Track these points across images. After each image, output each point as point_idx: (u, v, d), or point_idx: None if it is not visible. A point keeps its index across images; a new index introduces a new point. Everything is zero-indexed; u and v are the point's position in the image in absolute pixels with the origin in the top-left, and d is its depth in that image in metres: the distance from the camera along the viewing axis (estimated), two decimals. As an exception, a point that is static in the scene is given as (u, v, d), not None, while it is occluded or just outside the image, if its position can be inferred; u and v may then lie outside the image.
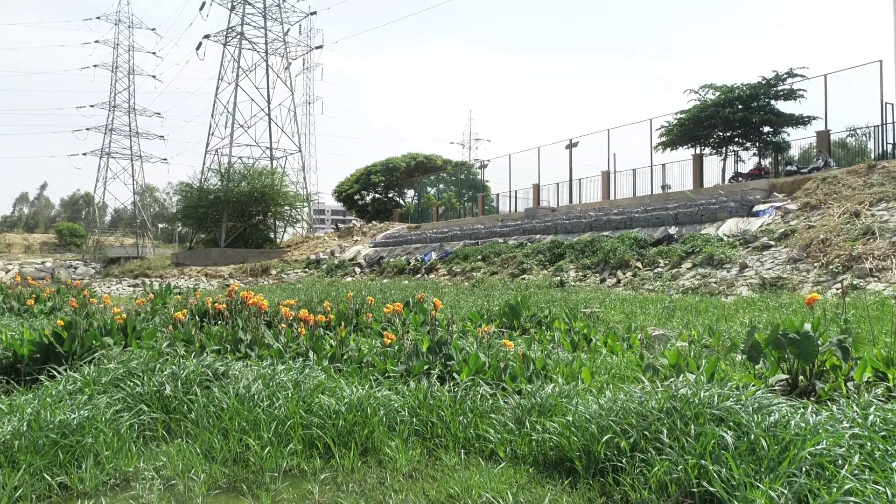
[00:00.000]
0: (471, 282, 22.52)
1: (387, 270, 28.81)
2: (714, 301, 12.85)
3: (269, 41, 42.70)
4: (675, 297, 14.27)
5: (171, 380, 4.75)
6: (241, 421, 4.28)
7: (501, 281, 21.23)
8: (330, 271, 32.34)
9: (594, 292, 16.59)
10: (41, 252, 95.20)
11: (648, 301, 13.73)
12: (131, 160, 65.52)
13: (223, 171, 39.46)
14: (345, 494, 3.56)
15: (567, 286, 18.29)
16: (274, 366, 5.05)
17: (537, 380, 5.47)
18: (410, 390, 4.92)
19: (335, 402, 4.50)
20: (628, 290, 16.63)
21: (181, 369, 4.88)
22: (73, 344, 7.01)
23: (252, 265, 34.73)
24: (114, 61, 63.26)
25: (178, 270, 34.87)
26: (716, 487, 3.19)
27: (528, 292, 16.56)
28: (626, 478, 3.54)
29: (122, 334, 7.72)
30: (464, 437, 4.36)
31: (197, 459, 3.91)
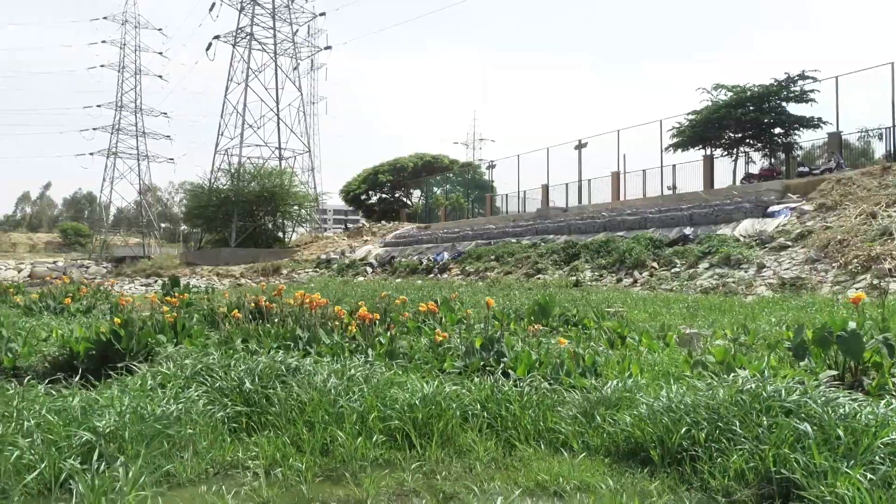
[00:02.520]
0: (485, 281, 22.73)
1: (399, 270, 29.02)
2: (735, 300, 13.05)
3: (278, 42, 42.95)
4: (694, 296, 14.47)
5: (248, 375, 4.95)
6: (324, 413, 4.48)
7: (517, 281, 21.43)
8: (341, 271, 32.55)
9: (612, 292, 16.80)
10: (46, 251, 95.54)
11: (669, 301, 13.92)
12: (137, 160, 65.82)
13: (233, 171, 39.70)
14: (438, 481, 3.76)
15: (584, 286, 18.49)
16: (344, 361, 5.26)
17: (590, 376, 5.68)
18: (476, 385, 5.12)
19: (409, 395, 4.71)
20: (646, 290, 16.83)
21: (255, 365, 5.08)
22: (131, 341, 7.22)
23: (263, 265, 34.94)
24: (120, 61, 63.58)
25: (189, 270, 35.09)
26: (797, 474, 3.39)
27: (547, 292, 16.76)
28: (703, 466, 3.74)
29: (171, 332, 7.93)
30: (534, 430, 4.56)
31: (289, 450, 4.12)
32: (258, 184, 38.24)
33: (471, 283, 23.06)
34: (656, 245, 19.12)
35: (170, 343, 7.45)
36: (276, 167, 40.51)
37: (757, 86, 24.25)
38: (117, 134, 63.66)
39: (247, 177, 38.94)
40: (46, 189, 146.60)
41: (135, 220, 77.55)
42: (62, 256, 54.97)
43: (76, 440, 3.93)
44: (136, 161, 65.73)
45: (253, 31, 41.47)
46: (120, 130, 63.53)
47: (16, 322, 9.45)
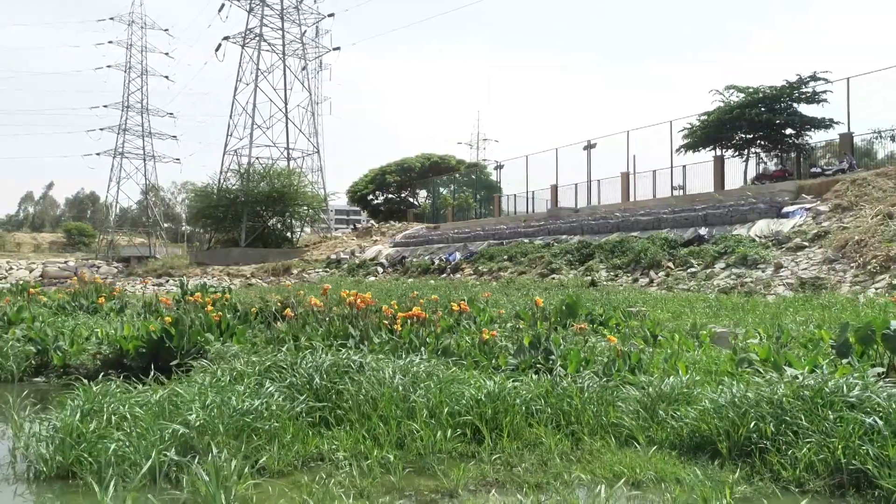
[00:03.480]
0: (499, 281, 22.89)
1: (410, 270, 29.18)
2: (756, 300, 13.21)
3: (287, 42, 43.13)
4: (713, 296, 14.63)
5: (316, 371, 5.12)
6: (396, 408, 4.65)
7: (531, 281, 21.59)
8: (352, 271, 32.71)
9: (630, 292, 16.95)
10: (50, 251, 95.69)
11: (689, 300, 14.07)
12: (144, 160, 66.01)
13: (243, 171, 39.88)
14: (520, 472, 3.93)
15: (600, 286, 18.64)
16: (404, 359, 5.42)
17: (639, 373, 5.85)
18: (534, 381, 5.28)
19: (476, 391, 4.88)
20: (663, 290, 16.99)
21: (322, 362, 5.25)
22: (182, 340, 7.39)
23: (273, 265, 35.11)
24: (127, 62, 63.79)
25: (200, 270, 35.26)
26: (868, 465, 3.56)
27: (566, 292, 16.91)
28: (773, 458, 3.90)
29: (217, 330, 8.10)
30: (596, 424, 4.73)
31: (368, 443, 4.29)
32: (268, 184, 38.42)
33: (485, 283, 23.21)
34: (671, 245, 19.28)
35: (217, 341, 7.63)
36: (285, 168, 40.70)
37: (768, 87, 24.41)
38: (124, 134, 63.95)
39: (256, 177, 39.13)
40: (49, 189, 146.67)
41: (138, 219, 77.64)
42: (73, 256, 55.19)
43: (167, 433, 4.10)
44: (143, 161, 65.96)
45: (262, 31, 41.67)
46: (126, 131, 63.78)
47: (55, 321, 9.60)
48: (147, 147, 65.70)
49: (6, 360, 7.80)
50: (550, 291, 17.24)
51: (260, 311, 9.84)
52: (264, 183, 38.55)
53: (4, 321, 9.42)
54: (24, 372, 7.85)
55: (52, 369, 7.95)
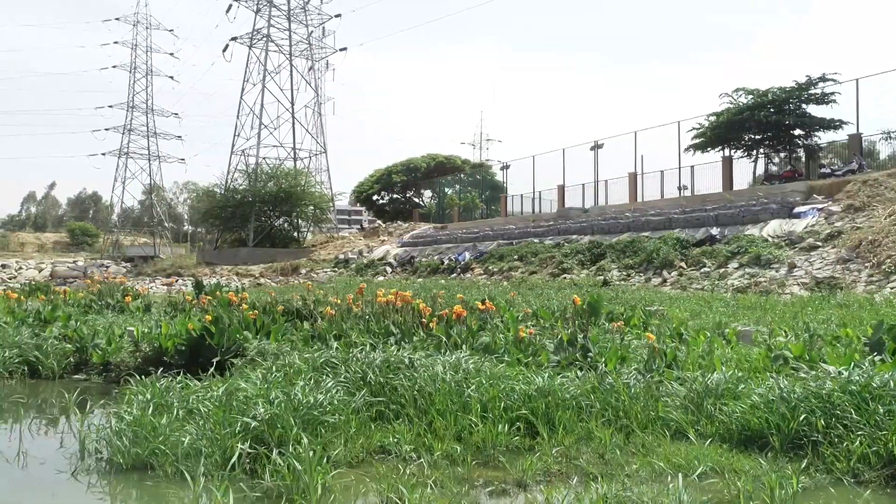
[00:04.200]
0: (510, 281, 23.04)
1: (420, 270, 29.33)
2: (773, 299, 13.36)
3: (294, 43, 43.31)
4: (732, 295, 14.78)
5: (368, 367, 5.27)
6: (451, 403, 4.80)
7: (543, 280, 21.74)
8: (360, 270, 32.85)
9: (644, 291, 17.10)
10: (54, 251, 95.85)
11: (705, 300, 14.22)
12: (149, 160, 66.21)
13: (250, 171, 40.06)
14: (582, 464, 4.07)
15: (612, 285, 18.79)
16: (458, 356, 5.56)
17: (676, 369, 6.00)
18: (580, 378, 5.42)
19: (527, 387, 5.02)
20: (676, 290, 17.13)
21: (373, 359, 5.40)
22: (222, 338, 7.53)
23: (282, 265, 35.28)
24: (132, 62, 63.96)
25: (209, 270, 35.42)
26: (922, 457, 3.70)
27: (581, 291, 17.05)
28: (826, 451, 4.04)
29: (253, 329, 8.24)
30: (645, 419, 4.86)
31: (430, 437, 4.43)
32: (275, 184, 38.59)
33: (496, 282, 23.36)
34: (683, 245, 19.43)
35: (254, 339, 7.77)
36: (293, 168, 40.88)
37: (777, 88, 24.57)
38: (129, 134, 64.15)
39: (264, 177, 39.31)
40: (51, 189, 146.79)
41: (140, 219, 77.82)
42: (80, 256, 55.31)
43: (237, 427, 4.24)
44: (148, 161, 66.15)
45: (270, 32, 41.85)
46: (131, 131, 63.98)
47: (89, 320, 9.75)
48: (152, 147, 65.91)
49: (46, 357, 7.95)
50: (564, 291, 17.38)
51: (286, 310, 10.00)
52: (272, 183, 38.73)
53: (40, 320, 9.57)
54: (63, 369, 8.01)
55: (91, 367, 8.09)
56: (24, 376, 7.74)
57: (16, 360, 7.78)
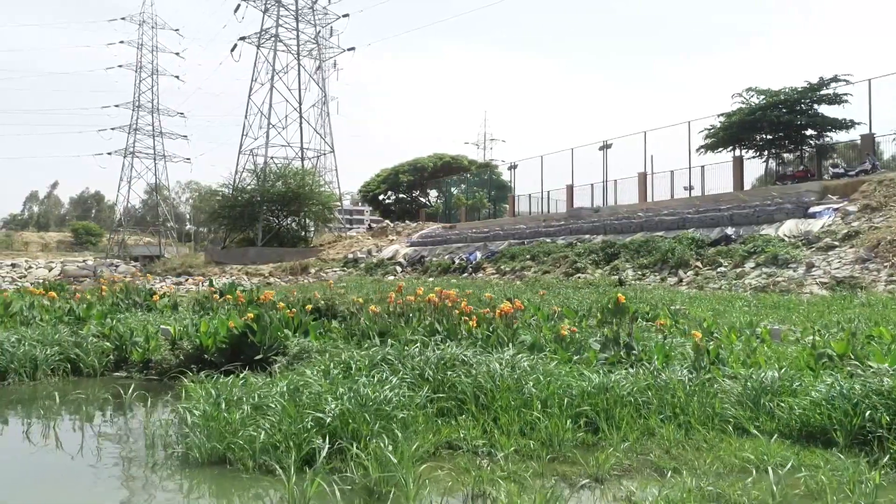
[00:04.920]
0: (523, 281, 23.08)
1: (430, 269, 29.37)
2: (795, 299, 13.42)
3: (301, 43, 43.39)
4: (752, 295, 14.83)
5: (425, 364, 5.34)
6: (512, 399, 4.87)
7: (556, 280, 21.78)
8: (369, 270, 32.90)
9: (661, 291, 17.14)
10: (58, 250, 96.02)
11: (724, 299, 14.27)
12: (154, 160, 66.32)
13: (258, 171, 40.15)
14: (652, 459, 4.14)
15: (627, 285, 18.85)
16: (510, 353, 5.63)
17: (724, 366, 6.06)
18: (632, 374, 5.49)
19: (586, 384, 5.09)
20: (693, 289, 17.19)
21: (428, 356, 5.47)
22: (264, 335, 7.61)
23: (291, 264, 35.35)
24: (138, 62, 64.04)
25: (218, 269, 35.50)
26: None
27: (598, 291, 17.11)
28: (893, 446, 4.11)
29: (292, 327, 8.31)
30: (702, 415, 4.93)
31: (496, 432, 4.50)
32: (284, 184, 38.68)
33: (508, 282, 23.41)
34: (698, 245, 19.48)
35: (293, 338, 7.84)
36: (301, 168, 40.98)
37: (789, 89, 24.65)
38: (134, 134, 64.24)
39: (272, 177, 39.40)
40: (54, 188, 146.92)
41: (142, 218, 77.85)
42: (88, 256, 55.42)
43: (307, 422, 4.31)
44: (153, 161, 66.26)
45: (278, 32, 41.93)
46: (137, 130, 64.08)
47: (124, 319, 9.81)
48: (157, 147, 66.02)
49: (87, 355, 8.02)
50: (582, 290, 17.43)
51: (314, 308, 10.07)
52: (280, 182, 38.82)
53: (74, 318, 9.63)
54: (104, 367, 8.08)
55: (131, 365, 8.16)
56: (66, 374, 7.81)
57: (56, 357, 7.85)
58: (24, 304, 10.09)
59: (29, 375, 7.54)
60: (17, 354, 7.58)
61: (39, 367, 7.62)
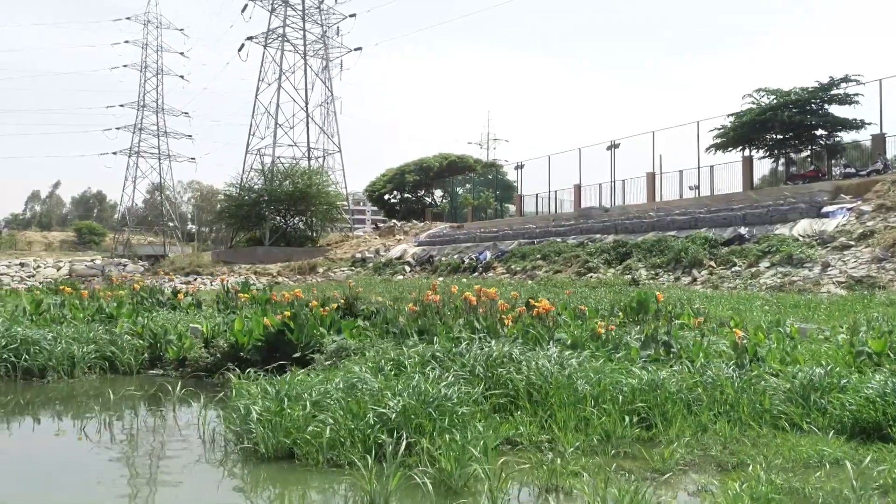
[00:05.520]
0: (535, 280, 23.13)
1: (440, 269, 29.40)
2: (816, 298, 13.47)
3: (308, 43, 43.44)
4: (763, 294, 14.89)
5: (475, 361, 5.39)
6: (566, 396, 4.92)
7: (569, 279, 21.82)
8: (378, 269, 32.94)
9: (675, 290, 17.19)
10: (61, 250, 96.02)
11: (744, 298, 14.32)
12: (159, 159, 66.39)
13: (266, 170, 40.20)
14: (715, 454, 4.20)
15: (641, 284, 18.90)
16: (559, 351, 5.69)
17: (763, 363, 6.12)
18: (678, 372, 5.54)
19: (636, 381, 5.14)
20: (708, 289, 17.23)
21: (480, 353, 5.52)
22: (301, 334, 7.67)
23: (299, 263, 35.37)
24: (142, 61, 64.09)
25: (227, 268, 35.55)
26: None
27: (613, 290, 17.16)
28: (950, 441, 4.17)
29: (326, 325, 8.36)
30: (752, 411, 4.98)
31: (555, 427, 4.56)
32: (291, 183, 38.73)
33: (520, 281, 23.46)
34: (711, 244, 19.53)
35: (328, 335, 7.90)
36: (309, 167, 41.04)
37: (800, 89, 24.71)
38: (139, 133, 64.30)
39: (280, 176, 39.45)
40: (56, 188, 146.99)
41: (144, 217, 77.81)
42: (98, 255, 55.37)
43: (370, 417, 4.37)
44: (158, 160, 66.32)
45: (285, 32, 42.00)
46: (142, 130, 64.14)
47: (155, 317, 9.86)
48: (162, 146, 66.10)
49: (122, 353, 8.09)
50: (597, 290, 17.49)
51: (339, 307, 10.13)
52: (288, 182, 38.86)
53: (105, 316, 9.69)
54: (140, 365, 8.15)
55: (166, 362, 8.23)
56: (103, 371, 7.88)
57: (93, 355, 7.92)
58: (54, 303, 10.13)
59: (67, 373, 7.61)
60: (55, 352, 7.65)
61: (77, 364, 7.70)
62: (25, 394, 6.96)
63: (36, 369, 7.53)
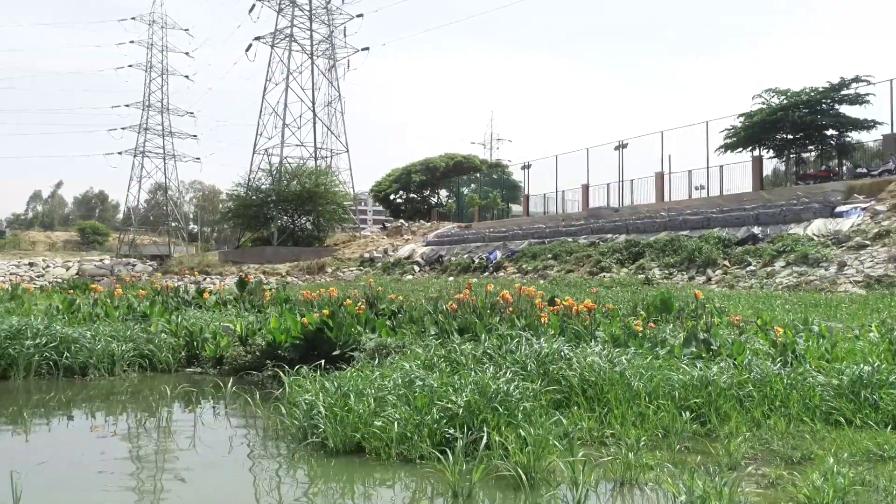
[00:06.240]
0: (547, 280, 23.21)
1: (450, 268, 29.49)
2: (832, 297, 13.55)
3: (315, 43, 43.58)
4: (780, 293, 14.97)
5: (527, 358, 5.48)
6: (621, 392, 5.00)
7: (581, 279, 21.91)
8: (386, 269, 33.03)
9: (690, 289, 17.29)
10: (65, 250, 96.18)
11: (763, 297, 14.39)
12: (164, 159, 66.53)
13: (273, 170, 40.33)
14: (777, 449, 4.28)
15: (655, 283, 18.98)
16: (609, 349, 5.77)
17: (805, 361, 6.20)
18: (725, 369, 5.62)
19: (689, 378, 5.22)
20: (723, 288, 17.31)
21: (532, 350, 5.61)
22: (340, 332, 7.74)
23: (308, 263, 35.48)
24: (148, 61, 64.23)
25: (236, 268, 35.65)
26: None
27: (629, 290, 17.24)
28: None
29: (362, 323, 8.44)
30: (803, 407, 5.06)
31: (616, 423, 4.64)
32: (299, 183, 38.85)
33: (532, 280, 23.54)
34: (725, 244, 19.61)
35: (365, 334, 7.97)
36: (316, 167, 41.18)
37: (810, 89, 24.80)
38: (145, 133, 64.46)
39: (287, 176, 39.58)
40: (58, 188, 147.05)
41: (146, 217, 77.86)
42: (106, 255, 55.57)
43: (435, 412, 4.44)
44: (163, 160, 66.47)
45: (293, 32, 42.12)
46: (147, 130, 64.28)
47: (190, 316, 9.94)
48: (167, 146, 66.27)
49: (160, 351, 8.16)
50: (613, 289, 17.58)
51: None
52: (295, 182, 38.99)
53: (139, 315, 9.77)
54: (178, 363, 8.23)
55: (203, 360, 8.31)
56: (142, 369, 7.96)
57: (131, 353, 8.00)
58: (86, 301, 10.22)
59: (107, 371, 7.69)
60: (95, 350, 7.72)
61: (117, 362, 7.77)
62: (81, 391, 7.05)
63: (77, 367, 7.61)
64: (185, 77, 65.07)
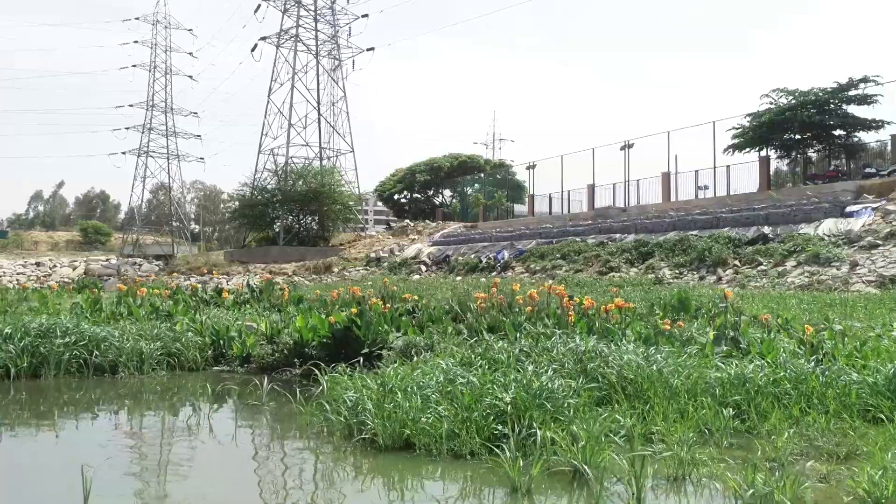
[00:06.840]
0: (555, 280, 23.25)
1: (457, 268, 29.51)
2: (847, 297, 13.60)
3: (320, 43, 43.61)
4: (793, 293, 15.02)
5: (564, 356, 5.53)
6: (661, 389, 5.06)
7: (590, 279, 21.96)
8: (393, 269, 33.05)
9: (701, 289, 17.35)
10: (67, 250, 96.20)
11: (773, 297, 14.43)
12: (167, 159, 66.59)
13: (279, 170, 40.39)
14: (821, 446, 4.33)
15: (665, 283, 19.03)
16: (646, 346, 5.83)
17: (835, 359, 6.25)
18: (762, 367, 5.68)
19: (726, 376, 5.28)
20: (734, 287, 17.35)
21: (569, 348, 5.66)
22: (368, 330, 7.80)
23: (314, 263, 35.52)
24: (151, 61, 64.29)
25: (242, 268, 35.70)
26: None
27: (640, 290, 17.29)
28: None
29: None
30: (840, 405, 5.11)
31: (659, 420, 4.69)
32: (304, 183, 38.90)
33: (540, 280, 23.58)
34: (735, 244, 19.66)
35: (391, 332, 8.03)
36: (321, 167, 41.24)
37: (819, 89, 24.86)
38: (148, 133, 64.50)
39: (293, 176, 39.63)
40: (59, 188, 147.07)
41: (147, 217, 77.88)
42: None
43: (482, 409, 4.50)
44: (167, 160, 66.53)
45: (298, 32, 42.17)
46: (151, 130, 64.35)
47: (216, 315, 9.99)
48: (171, 146, 66.33)
49: (188, 350, 8.22)
50: (624, 289, 17.63)
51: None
52: (301, 182, 39.04)
53: (163, 314, 9.82)
54: (205, 361, 8.29)
55: (231, 359, 8.36)
56: (171, 368, 8.01)
57: (159, 352, 8.05)
58: (110, 300, 10.27)
59: (136, 369, 7.75)
60: (125, 349, 7.78)
61: (145, 361, 7.83)
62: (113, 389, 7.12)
63: (107, 365, 7.66)
64: (189, 77, 65.19)
